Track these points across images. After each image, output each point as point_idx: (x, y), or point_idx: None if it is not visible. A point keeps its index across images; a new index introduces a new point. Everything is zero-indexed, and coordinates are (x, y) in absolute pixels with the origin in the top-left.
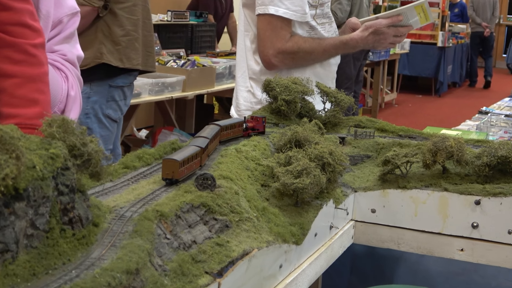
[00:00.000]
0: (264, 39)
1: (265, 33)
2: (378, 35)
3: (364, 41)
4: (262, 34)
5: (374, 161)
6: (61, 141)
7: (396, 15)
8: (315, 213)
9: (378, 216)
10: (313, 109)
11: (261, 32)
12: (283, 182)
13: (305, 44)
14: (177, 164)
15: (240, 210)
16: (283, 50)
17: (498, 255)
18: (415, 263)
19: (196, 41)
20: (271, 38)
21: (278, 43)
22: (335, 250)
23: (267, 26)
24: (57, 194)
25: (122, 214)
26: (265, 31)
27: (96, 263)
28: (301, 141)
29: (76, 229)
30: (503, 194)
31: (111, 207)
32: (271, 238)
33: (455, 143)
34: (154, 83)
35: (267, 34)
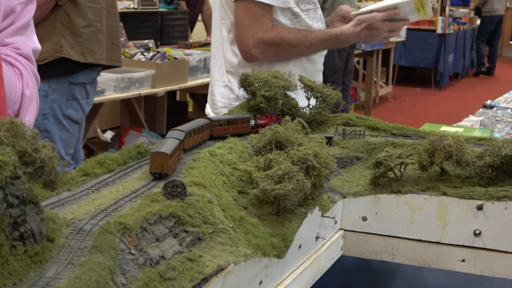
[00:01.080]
0: (243, 27)
1: (244, 21)
2: (371, 30)
3: (356, 36)
4: (240, 22)
5: (365, 163)
6: (9, 147)
7: (393, 8)
8: (299, 223)
9: (370, 224)
10: (296, 106)
11: (239, 20)
12: (263, 188)
13: (290, 35)
14: (166, 157)
15: (214, 220)
16: (264, 40)
17: (503, 266)
18: (412, 276)
19: (166, 30)
20: (250, 26)
21: (258, 32)
22: (322, 263)
23: (246, 13)
24: (6, 206)
25: (80, 227)
26: (244, 18)
27: (51, 283)
28: (283, 142)
29: (28, 245)
30: (508, 197)
31: (68, 219)
32: (250, 251)
33: (454, 142)
34: (119, 79)
35: (246, 22)
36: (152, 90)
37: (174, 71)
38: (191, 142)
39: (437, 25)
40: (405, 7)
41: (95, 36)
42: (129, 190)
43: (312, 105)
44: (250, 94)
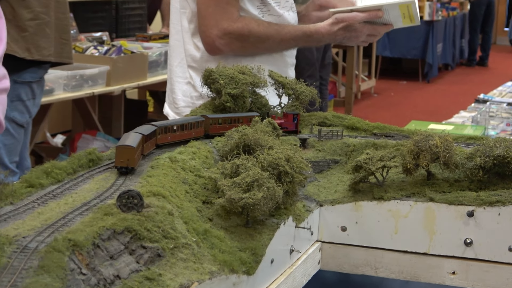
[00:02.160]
0: (206, 16)
1: (207, 10)
2: (349, 31)
3: (332, 36)
4: (203, 11)
5: (343, 167)
6: None
7: (376, 10)
8: (271, 235)
9: (349, 235)
10: (266, 105)
11: (202, 8)
12: (230, 197)
13: (259, 28)
14: (133, 150)
15: (175, 234)
16: (230, 31)
17: (497, 278)
18: None
19: (122, 21)
20: (214, 15)
21: (223, 21)
22: (298, 279)
23: (209, 1)
24: None
25: (25, 245)
26: (207, 6)
27: None
28: (251, 146)
29: None
30: (501, 202)
31: (11, 237)
32: (215, 268)
33: (442, 142)
34: (70, 76)
35: (210, 11)
36: (107, 89)
37: (131, 66)
38: (170, 138)
39: (424, 11)
40: (389, 11)
41: (42, 29)
42: (79, 202)
43: (284, 103)
44: (215, 92)
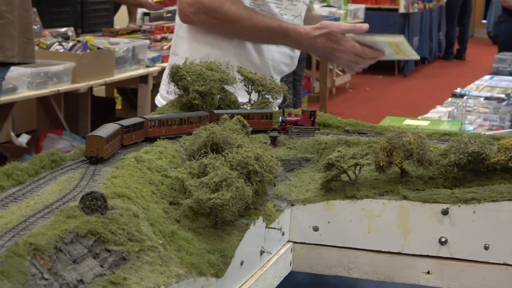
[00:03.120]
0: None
1: None
2: (331, 41)
3: (311, 40)
4: None
5: (315, 165)
6: None
7: (361, 24)
8: (240, 236)
9: (322, 235)
10: (236, 102)
11: None
12: (197, 198)
13: (231, 6)
14: (102, 140)
15: (140, 237)
16: (199, 1)
17: (473, 277)
18: None
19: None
20: None
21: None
22: (269, 281)
23: None
24: None
25: None
26: None
27: None
28: (220, 144)
29: None
30: (476, 200)
31: None
32: (183, 270)
33: (415, 139)
34: (34, 74)
35: None
36: (72, 86)
37: (98, 63)
38: (165, 132)
39: (400, 4)
40: (381, 46)
41: (5, 30)
42: (41, 205)
43: (253, 100)
44: (182, 89)
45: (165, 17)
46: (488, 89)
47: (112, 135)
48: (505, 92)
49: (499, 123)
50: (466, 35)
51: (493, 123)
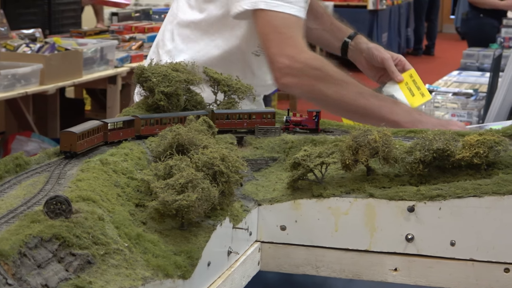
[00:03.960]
0: (271, 41)
1: (271, 35)
2: (442, 124)
3: (423, 115)
4: (268, 36)
5: (282, 164)
6: None
7: None
8: (207, 237)
9: (289, 234)
10: (202, 102)
11: (266, 32)
12: (163, 199)
13: (333, 67)
14: (74, 136)
15: (106, 240)
16: (297, 60)
17: (440, 274)
18: None
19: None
20: (280, 41)
21: (289, 48)
22: (237, 281)
23: (272, 27)
24: None
25: None
26: (271, 32)
27: None
28: (185, 146)
29: None
30: (442, 197)
31: None
32: (149, 273)
33: (380, 137)
34: (2, 76)
35: (274, 37)
36: (41, 88)
37: (66, 64)
38: (159, 130)
39: (368, 0)
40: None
41: None
42: (5, 209)
43: (220, 101)
44: (148, 91)
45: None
46: (456, 85)
47: (89, 131)
48: (473, 88)
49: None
50: (434, 31)
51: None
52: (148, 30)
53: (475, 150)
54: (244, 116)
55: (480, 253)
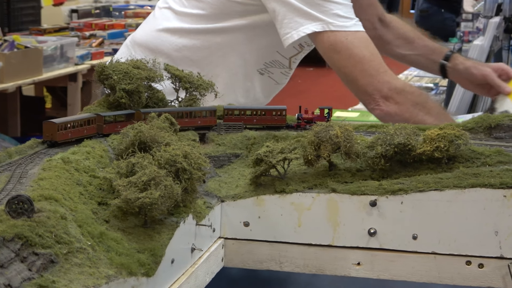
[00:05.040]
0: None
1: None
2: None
3: None
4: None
5: (244, 160)
6: None
7: None
8: (170, 234)
9: (252, 230)
10: (163, 100)
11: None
12: (126, 197)
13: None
14: (54, 126)
15: (69, 239)
16: (397, 87)
17: (403, 267)
18: (306, 285)
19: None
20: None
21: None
22: (201, 278)
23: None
24: None
25: None
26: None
27: None
28: (148, 143)
29: None
30: (403, 191)
31: None
32: (112, 271)
33: (342, 132)
34: None
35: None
36: (0, 86)
37: (25, 62)
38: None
39: None
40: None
41: None
42: None
43: (181, 98)
44: (109, 88)
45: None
46: (417, 79)
47: (75, 122)
48: (433, 82)
49: None
50: None
51: None
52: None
53: (436, 144)
54: (256, 113)
55: (442, 246)
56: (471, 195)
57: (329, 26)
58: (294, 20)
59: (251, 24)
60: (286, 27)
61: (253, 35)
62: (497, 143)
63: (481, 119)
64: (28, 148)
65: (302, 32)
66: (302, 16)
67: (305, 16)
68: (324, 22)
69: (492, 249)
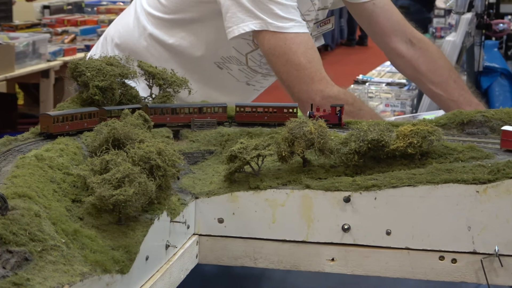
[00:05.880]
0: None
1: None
2: None
3: None
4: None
5: (219, 157)
6: None
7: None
8: (145, 231)
9: (227, 226)
10: (137, 96)
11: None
12: (100, 194)
13: (362, 103)
14: (50, 118)
15: (43, 237)
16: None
17: (377, 263)
18: (280, 281)
19: None
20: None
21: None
22: (175, 274)
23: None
24: None
25: None
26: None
27: None
28: (121, 140)
29: None
30: (377, 186)
31: None
32: (87, 269)
33: (316, 128)
34: None
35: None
36: None
37: None
38: (169, 119)
39: None
40: None
41: None
42: None
43: (155, 94)
44: (82, 85)
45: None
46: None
47: (74, 115)
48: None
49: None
50: None
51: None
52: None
53: (409, 140)
54: (268, 110)
55: (415, 242)
56: (444, 191)
57: (268, 26)
58: (237, 16)
59: (206, 17)
60: (229, 21)
61: (210, 28)
62: (469, 139)
63: (454, 115)
64: (1, 145)
65: (242, 29)
66: (244, 13)
67: (246, 13)
68: (264, 22)
69: (465, 244)
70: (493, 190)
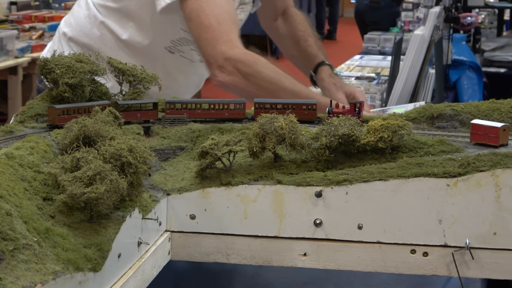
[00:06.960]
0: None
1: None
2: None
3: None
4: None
5: (190, 153)
6: None
7: None
8: (117, 228)
9: (199, 223)
10: (107, 93)
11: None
12: (71, 192)
13: (267, 65)
14: (55, 111)
15: (14, 235)
16: (230, 57)
17: (349, 257)
18: (252, 276)
19: None
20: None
21: (223, 45)
22: (148, 272)
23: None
24: None
25: None
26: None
27: None
28: (92, 137)
29: None
30: (348, 181)
31: None
32: (59, 267)
33: (287, 124)
34: None
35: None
36: None
37: None
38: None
39: None
40: None
41: None
42: None
43: (125, 91)
44: (52, 83)
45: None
46: (359, 69)
47: (82, 108)
48: (375, 72)
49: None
50: (336, 15)
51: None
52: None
53: (380, 135)
54: (285, 106)
55: (387, 236)
56: (415, 185)
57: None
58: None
59: (147, 2)
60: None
61: (154, 14)
62: (439, 133)
63: (424, 109)
64: None
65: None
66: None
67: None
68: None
69: (436, 237)
70: (464, 184)
